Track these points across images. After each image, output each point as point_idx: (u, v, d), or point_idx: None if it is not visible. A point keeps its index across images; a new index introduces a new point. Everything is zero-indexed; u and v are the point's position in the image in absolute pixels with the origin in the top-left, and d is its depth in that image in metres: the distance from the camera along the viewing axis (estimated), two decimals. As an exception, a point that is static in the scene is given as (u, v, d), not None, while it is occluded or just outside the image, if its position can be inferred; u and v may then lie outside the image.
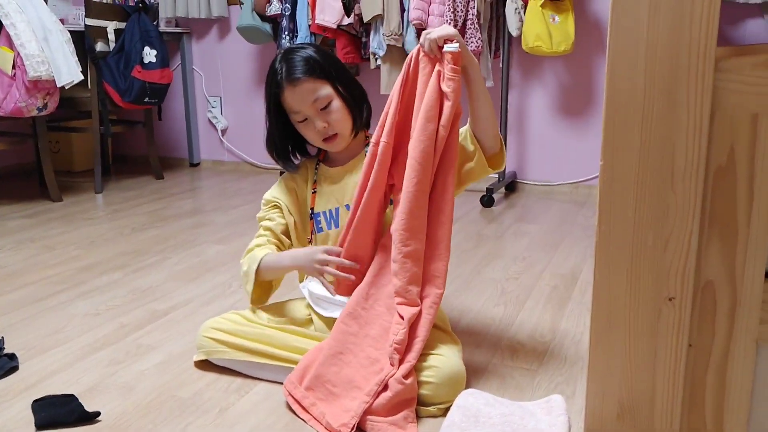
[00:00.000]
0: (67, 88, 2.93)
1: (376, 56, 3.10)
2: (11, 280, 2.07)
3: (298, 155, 1.56)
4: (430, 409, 1.27)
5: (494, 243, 2.46)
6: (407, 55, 1.69)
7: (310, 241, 1.52)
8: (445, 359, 1.29)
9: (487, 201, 3.04)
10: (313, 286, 1.46)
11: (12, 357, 1.50)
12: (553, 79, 3.25)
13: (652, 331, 0.87)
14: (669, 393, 0.89)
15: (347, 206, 1.47)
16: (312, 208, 1.52)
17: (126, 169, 4.03)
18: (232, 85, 3.97)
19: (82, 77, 2.94)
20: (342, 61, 1.58)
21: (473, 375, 1.42)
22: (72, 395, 1.32)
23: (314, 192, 1.52)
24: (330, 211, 1.50)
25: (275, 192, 1.55)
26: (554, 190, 3.33)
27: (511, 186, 3.38)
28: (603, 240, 0.87)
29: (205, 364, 1.46)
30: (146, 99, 3.38)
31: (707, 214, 0.82)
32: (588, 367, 0.92)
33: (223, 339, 1.42)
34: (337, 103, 1.43)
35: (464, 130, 1.43)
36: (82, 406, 1.28)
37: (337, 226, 1.49)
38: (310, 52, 1.43)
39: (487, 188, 3.06)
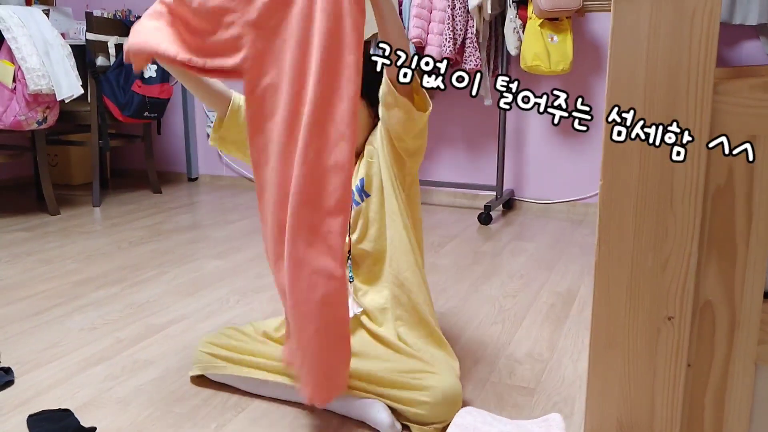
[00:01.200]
0: (67, 101, 2.94)
1: (376, 73, 3.12)
2: (7, 294, 2.07)
3: None
4: (426, 428, 1.26)
5: (492, 260, 2.47)
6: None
7: None
8: (441, 378, 1.28)
9: (484, 218, 3.05)
10: None
11: (7, 371, 1.49)
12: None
13: (651, 351, 0.87)
14: (668, 413, 0.89)
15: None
16: None
17: (124, 183, 4.03)
18: (232, 101, 3.98)
19: (82, 91, 2.95)
20: None
21: (471, 393, 1.42)
22: (68, 410, 1.32)
23: None
24: None
25: None
26: (551, 208, 3.34)
27: (509, 204, 3.39)
28: (602, 259, 0.87)
29: (201, 380, 1.46)
30: (146, 113, 3.39)
31: (706, 234, 0.83)
32: (587, 386, 0.92)
33: (220, 354, 1.42)
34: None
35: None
36: (78, 422, 1.28)
37: None
38: None
39: (485, 206, 3.07)
